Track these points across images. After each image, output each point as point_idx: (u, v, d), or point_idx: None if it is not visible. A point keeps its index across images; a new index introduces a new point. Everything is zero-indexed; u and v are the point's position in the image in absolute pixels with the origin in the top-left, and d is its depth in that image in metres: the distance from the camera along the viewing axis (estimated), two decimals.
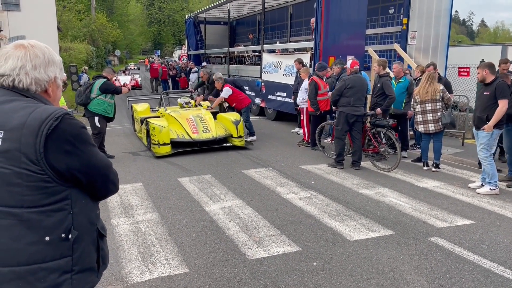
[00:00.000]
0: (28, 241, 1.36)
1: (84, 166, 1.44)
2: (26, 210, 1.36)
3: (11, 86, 1.46)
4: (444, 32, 10.80)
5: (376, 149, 7.33)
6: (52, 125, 1.35)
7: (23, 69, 1.46)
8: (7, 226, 1.35)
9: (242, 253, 4.06)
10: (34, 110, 1.38)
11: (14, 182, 1.34)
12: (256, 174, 6.92)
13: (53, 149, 1.36)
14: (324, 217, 4.98)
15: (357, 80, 7.21)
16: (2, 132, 1.35)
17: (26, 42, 1.52)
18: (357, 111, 7.11)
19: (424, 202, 5.54)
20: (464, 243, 4.29)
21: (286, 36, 16.78)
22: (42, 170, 1.35)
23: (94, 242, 1.55)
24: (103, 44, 42.88)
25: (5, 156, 1.34)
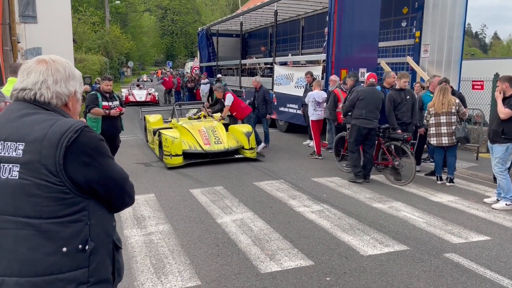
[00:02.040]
0: (46, 251, 1.38)
1: (102, 178, 1.47)
2: (44, 220, 1.38)
3: (32, 100, 1.49)
4: (457, 45, 10.76)
5: (390, 163, 7.16)
6: (71, 137, 1.39)
7: (44, 83, 1.50)
8: (26, 237, 1.37)
9: (255, 266, 4.03)
10: (55, 123, 1.41)
11: (34, 193, 1.37)
12: (267, 186, 6.90)
13: (72, 161, 1.39)
14: (337, 231, 4.93)
15: (370, 92, 7.13)
16: (23, 144, 1.39)
17: (47, 57, 1.56)
18: (369, 124, 7.00)
19: (439, 217, 5.46)
20: (480, 260, 4.20)
21: (298, 49, 16.86)
22: (61, 181, 1.38)
23: (110, 254, 1.56)
24: (116, 56, 43.50)
25: (26, 167, 1.37)
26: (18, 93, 1.51)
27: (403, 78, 7.39)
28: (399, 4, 12.26)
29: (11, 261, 1.38)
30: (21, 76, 1.52)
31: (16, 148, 1.39)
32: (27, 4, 18.13)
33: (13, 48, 8.15)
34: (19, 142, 1.39)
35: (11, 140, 1.41)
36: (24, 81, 1.50)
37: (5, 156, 1.40)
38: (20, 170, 1.38)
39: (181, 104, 12.88)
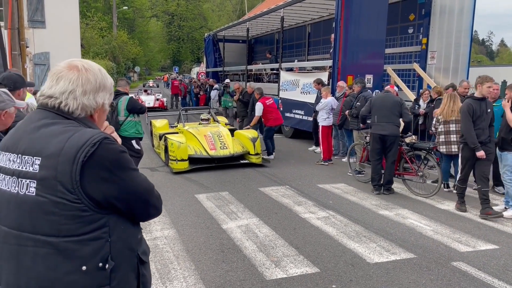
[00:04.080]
0: (65, 270, 1.33)
1: (123, 193, 1.39)
2: (62, 239, 1.32)
3: (55, 108, 1.41)
4: (464, 52, 10.71)
5: (414, 174, 6.81)
6: (88, 151, 1.30)
7: (72, 93, 1.41)
8: (44, 255, 1.32)
9: (260, 273, 4.00)
10: (72, 135, 1.33)
11: (51, 211, 1.31)
12: (273, 192, 6.88)
13: (89, 177, 1.31)
14: (343, 238, 4.89)
15: (380, 97, 6.96)
16: (40, 159, 1.32)
17: (80, 64, 1.47)
18: (382, 130, 6.68)
19: (446, 225, 5.41)
20: (488, 269, 4.15)
21: (304, 55, 16.88)
22: (78, 199, 1.31)
23: (134, 269, 1.47)
24: (123, 61, 43.78)
25: (42, 184, 1.31)
26: (44, 99, 1.43)
27: (487, 83, 5.67)
28: (406, 10, 12.25)
29: (30, 278, 1.34)
30: (50, 81, 1.44)
31: (33, 163, 1.33)
32: (36, 10, 18.33)
33: (21, 53, 8.22)
34: (35, 157, 1.33)
35: (28, 154, 1.35)
36: (52, 87, 1.42)
37: (23, 171, 1.34)
38: (36, 187, 1.32)
39: (187, 109, 12.92)
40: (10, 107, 2.88)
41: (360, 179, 7.69)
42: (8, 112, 2.88)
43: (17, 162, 1.36)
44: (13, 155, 1.37)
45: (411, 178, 6.91)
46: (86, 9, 39.29)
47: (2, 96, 2.86)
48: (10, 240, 1.36)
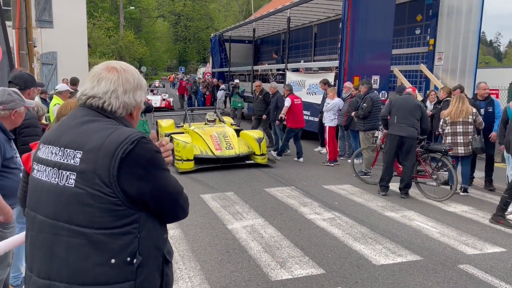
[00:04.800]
0: (95, 262, 1.37)
1: (155, 191, 1.43)
2: (96, 231, 1.36)
3: (99, 108, 1.48)
4: (472, 53, 10.65)
5: (428, 176, 6.70)
6: (127, 148, 1.36)
7: (114, 93, 1.49)
8: (77, 246, 1.37)
9: (265, 273, 3.99)
10: (113, 132, 1.39)
11: (87, 203, 1.35)
12: (278, 192, 6.87)
13: (126, 173, 1.36)
14: (348, 240, 4.87)
15: (399, 99, 6.82)
16: (81, 152, 1.38)
17: (118, 65, 1.55)
18: (401, 131, 6.52)
19: (453, 227, 5.37)
20: (495, 272, 4.11)
21: (310, 55, 16.86)
22: (113, 193, 1.36)
23: (159, 267, 1.51)
24: (130, 61, 43.94)
25: (81, 177, 1.36)
26: (87, 99, 1.50)
27: None
28: (413, 11, 12.20)
29: (61, 267, 1.39)
30: (91, 82, 1.51)
31: (74, 156, 1.39)
32: (43, 9, 18.45)
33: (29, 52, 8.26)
34: (77, 150, 1.39)
35: (70, 147, 1.41)
36: (94, 87, 1.49)
37: (64, 163, 1.40)
38: (76, 179, 1.37)
39: (193, 109, 12.93)
40: (20, 106, 2.90)
41: (368, 181, 7.63)
42: (18, 112, 2.90)
43: (59, 155, 1.42)
44: (56, 148, 1.44)
45: (425, 181, 6.75)
46: (93, 9, 39.49)
47: (13, 96, 2.88)
48: (45, 229, 1.42)
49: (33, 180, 1.51)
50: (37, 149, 1.55)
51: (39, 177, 1.47)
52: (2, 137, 2.73)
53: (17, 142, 3.24)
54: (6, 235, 2.78)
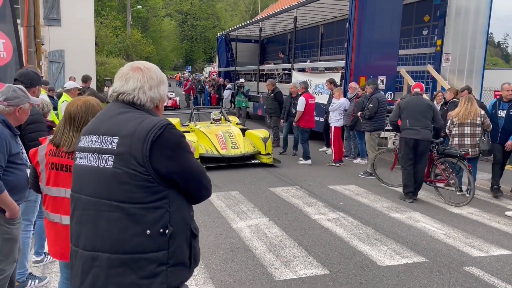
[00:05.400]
0: (133, 233, 1.56)
1: (181, 170, 1.63)
2: (133, 205, 1.56)
3: (130, 102, 1.70)
4: (479, 54, 10.57)
5: (445, 181, 6.52)
6: (157, 133, 1.57)
7: (141, 89, 1.70)
8: (117, 219, 1.57)
9: (269, 273, 3.99)
10: (143, 121, 1.61)
11: (125, 181, 1.56)
12: (283, 192, 6.86)
13: (157, 154, 1.57)
14: (353, 240, 4.86)
15: (410, 101, 6.60)
16: (117, 138, 1.60)
17: (141, 65, 1.77)
18: (416, 134, 6.32)
19: (458, 229, 5.34)
20: (501, 275, 4.08)
21: (317, 55, 16.82)
22: (147, 171, 1.56)
23: (188, 240, 1.69)
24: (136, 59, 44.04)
25: (119, 158, 1.58)
26: (119, 95, 1.71)
27: None
28: (421, 12, 12.12)
29: (104, 239, 1.59)
30: (120, 81, 1.72)
31: (112, 141, 1.60)
32: (51, 7, 18.56)
33: (37, 50, 8.32)
34: (114, 136, 1.60)
35: (108, 134, 1.62)
36: (123, 86, 1.71)
37: (103, 148, 1.61)
38: (114, 160, 1.58)
39: (199, 108, 12.95)
40: (24, 103, 2.92)
41: (392, 185, 7.28)
42: (23, 108, 2.92)
43: (98, 142, 1.64)
44: (95, 136, 1.66)
45: (443, 186, 6.58)
46: (101, 8, 39.61)
47: (17, 92, 2.89)
48: (89, 207, 1.63)
49: (76, 167, 1.72)
50: (78, 141, 1.76)
51: (82, 163, 1.68)
52: (8, 133, 2.75)
53: (24, 139, 3.26)
54: (13, 231, 2.80)
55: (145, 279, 1.57)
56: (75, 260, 1.68)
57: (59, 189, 2.51)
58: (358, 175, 8.18)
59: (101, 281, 1.58)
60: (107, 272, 1.57)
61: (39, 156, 2.57)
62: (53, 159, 2.50)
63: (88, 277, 1.60)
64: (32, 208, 3.58)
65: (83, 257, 1.63)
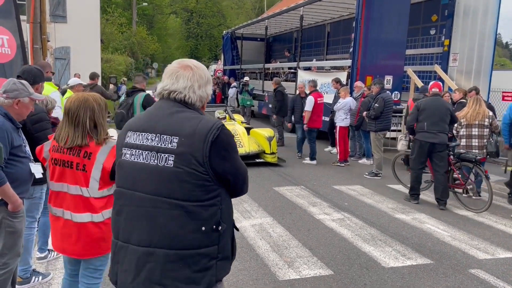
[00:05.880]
0: (190, 229, 1.63)
1: (233, 169, 1.71)
2: (191, 203, 1.62)
3: (182, 101, 1.73)
4: (488, 55, 10.48)
5: (462, 186, 6.37)
6: (215, 134, 1.63)
7: (191, 88, 1.73)
8: (176, 216, 1.63)
9: (273, 273, 3.97)
10: (200, 121, 1.66)
11: (185, 180, 1.61)
12: (288, 192, 6.83)
13: (215, 154, 1.63)
14: (357, 241, 4.82)
15: (432, 103, 6.33)
16: (177, 138, 1.63)
17: (191, 63, 1.80)
18: (432, 138, 6.14)
19: (464, 231, 5.29)
20: (507, 278, 4.04)
21: (323, 54, 16.75)
22: (206, 171, 1.62)
23: (231, 234, 1.78)
24: (142, 57, 44.15)
25: (180, 158, 1.62)
26: (170, 94, 1.73)
27: None
28: (429, 11, 12.03)
29: (163, 235, 1.64)
30: (170, 79, 1.74)
31: (171, 141, 1.63)
32: (57, 4, 18.60)
33: (42, 47, 8.33)
34: (173, 136, 1.64)
35: (166, 134, 1.65)
36: (174, 84, 1.73)
37: (162, 147, 1.64)
38: (175, 160, 1.62)
39: None
40: (24, 97, 2.90)
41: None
42: (22, 102, 2.90)
43: (155, 140, 1.66)
44: (152, 135, 1.68)
45: (461, 192, 6.41)
46: (106, 5, 39.67)
47: (17, 85, 2.88)
48: (146, 203, 1.66)
49: (127, 163, 1.73)
50: (124, 136, 1.76)
51: (135, 160, 1.70)
52: (10, 126, 2.75)
53: (34, 139, 3.25)
54: (15, 224, 2.80)
55: (198, 273, 1.65)
56: (124, 255, 1.71)
57: (61, 184, 2.51)
58: (363, 176, 8.14)
59: (157, 276, 1.63)
60: (163, 267, 1.63)
61: (44, 152, 2.58)
62: (56, 155, 2.50)
63: (142, 272, 1.64)
64: (36, 205, 3.57)
65: (136, 252, 1.67)
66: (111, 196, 2.52)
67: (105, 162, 2.43)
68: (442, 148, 6.20)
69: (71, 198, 2.49)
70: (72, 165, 2.45)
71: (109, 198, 2.51)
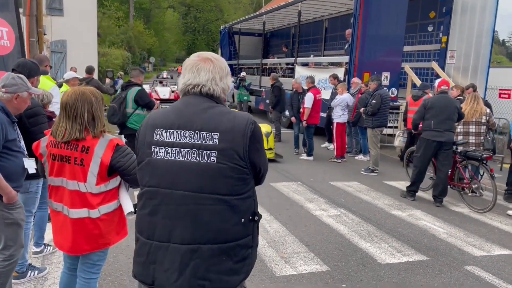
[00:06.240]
0: (233, 222, 1.68)
1: (263, 159, 1.79)
2: (233, 197, 1.67)
3: (209, 95, 1.74)
4: (485, 52, 10.49)
5: (468, 185, 6.25)
6: (251, 128, 1.68)
7: (214, 80, 1.75)
8: (220, 210, 1.66)
9: (269, 268, 3.97)
10: (235, 116, 1.70)
11: (228, 175, 1.65)
12: (284, 187, 6.84)
13: (251, 147, 1.68)
14: (354, 237, 4.84)
15: (440, 100, 6.20)
16: (218, 134, 1.65)
17: (210, 56, 1.79)
18: (439, 136, 6.06)
19: (460, 228, 5.31)
20: (503, 275, 4.06)
21: (320, 50, 16.71)
22: (245, 165, 1.68)
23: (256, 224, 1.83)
24: (138, 51, 43.95)
25: (222, 154, 1.64)
26: (193, 87, 1.74)
27: None
28: (426, 8, 12.02)
29: (207, 231, 1.66)
30: (191, 73, 1.75)
31: (212, 137, 1.65)
32: None
33: (39, 40, 8.26)
34: (213, 132, 1.65)
35: (205, 130, 1.66)
36: (196, 77, 1.74)
37: (204, 144, 1.65)
38: (217, 156, 1.64)
39: None
40: (22, 91, 2.89)
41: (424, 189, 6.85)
42: (21, 97, 2.89)
43: (195, 138, 1.66)
44: (190, 132, 1.67)
45: (466, 191, 6.30)
46: None
47: (16, 80, 2.87)
48: (188, 201, 1.66)
49: (161, 162, 1.70)
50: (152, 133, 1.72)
51: (173, 158, 1.68)
52: (5, 119, 2.74)
53: (30, 134, 3.24)
54: (13, 215, 2.80)
55: (238, 263, 1.71)
56: (163, 255, 1.69)
57: (61, 179, 2.50)
58: (360, 172, 8.16)
59: (202, 271, 1.66)
60: (208, 262, 1.66)
61: (41, 148, 2.56)
62: (53, 150, 2.49)
63: (187, 269, 1.66)
64: (32, 199, 3.56)
65: (179, 250, 1.67)
66: (108, 193, 2.51)
67: (103, 156, 2.42)
68: (448, 146, 6.14)
69: (68, 193, 2.48)
70: (70, 160, 2.44)
71: (105, 194, 2.49)
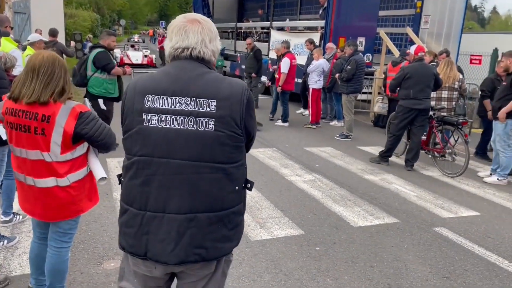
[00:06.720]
0: (229, 190, 1.68)
1: (255, 126, 1.79)
2: (230, 165, 1.66)
3: (199, 58, 1.68)
4: (458, 18, 10.53)
5: (441, 150, 6.37)
6: (247, 95, 1.67)
7: (203, 42, 1.68)
8: (218, 179, 1.65)
9: (245, 233, 4.00)
10: (231, 82, 1.67)
11: (226, 143, 1.63)
12: (260, 154, 6.84)
13: (247, 115, 1.67)
14: (328, 202, 4.92)
15: (418, 69, 6.20)
16: (215, 101, 1.61)
17: (198, 17, 1.72)
18: (418, 104, 6.12)
19: (429, 191, 5.48)
20: (469, 235, 4.24)
21: (296, 14, 16.42)
22: (241, 132, 1.66)
23: None
24: (108, 13, 42.18)
25: (220, 121, 1.61)
26: (183, 51, 1.66)
27: None
28: None
29: (204, 199, 1.65)
30: (179, 35, 1.66)
31: (209, 104, 1.60)
32: None
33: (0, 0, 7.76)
34: (211, 99, 1.60)
35: (202, 97, 1.61)
36: (184, 40, 1.66)
37: (201, 111, 1.60)
38: (215, 123, 1.60)
39: None
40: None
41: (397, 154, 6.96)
42: None
43: (191, 105, 1.61)
44: (186, 99, 1.61)
45: (439, 155, 6.39)
46: None
47: None
48: (186, 170, 1.62)
49: (155, 130, 1.62)
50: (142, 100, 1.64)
51: (167, 126, 1.61)
52: None
53: None
54: None
55: (232, 230, 1.73)
56: (158, 225, 1.65)
57: (20, 150, 2.37)
58: (334, 138, 8.24)
59: (199, 240, 1.66)
60: (204, 230, 1.66)
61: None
62: (10, 118, 2.34)
63: (183, 238, 1.65)
64: None
65: (176, 220, 1.65)
66: (75, 160, 2.42)
67: (65, 126, 2.30)
68: (426, 113, 6.23)
69: (31, 164, 2.36)
70: (30, 129, 2.30)
71: (73, 162, 2.41)
